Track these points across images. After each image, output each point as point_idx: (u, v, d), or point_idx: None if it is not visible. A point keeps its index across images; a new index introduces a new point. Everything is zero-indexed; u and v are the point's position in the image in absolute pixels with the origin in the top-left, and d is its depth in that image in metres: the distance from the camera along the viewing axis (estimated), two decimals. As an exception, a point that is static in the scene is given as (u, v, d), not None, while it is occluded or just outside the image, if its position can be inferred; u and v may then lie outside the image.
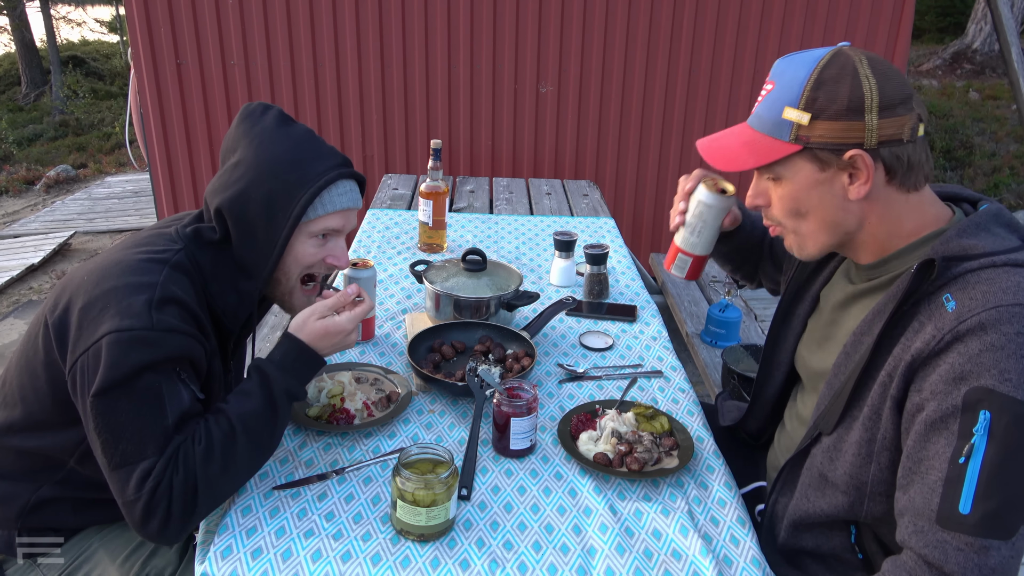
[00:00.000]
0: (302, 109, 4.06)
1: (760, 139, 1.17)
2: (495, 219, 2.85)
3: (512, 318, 1.95)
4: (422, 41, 3.98)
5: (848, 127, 1.09)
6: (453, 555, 1.19)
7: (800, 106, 1.11)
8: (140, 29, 3.88)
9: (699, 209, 1.38)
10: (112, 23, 14.41)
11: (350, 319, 1.36)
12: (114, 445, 1.16)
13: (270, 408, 1.26)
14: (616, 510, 1.30)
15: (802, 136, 1.12)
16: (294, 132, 1.35)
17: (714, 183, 1.38)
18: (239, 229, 1.32)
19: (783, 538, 1.31)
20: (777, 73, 1.17)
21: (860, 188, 1.12)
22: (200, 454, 1.19)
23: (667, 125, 4.17)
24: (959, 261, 1.08)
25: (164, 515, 1.15)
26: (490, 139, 4.18)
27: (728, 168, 1.18)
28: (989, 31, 9.59)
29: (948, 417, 1.02)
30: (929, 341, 1.05)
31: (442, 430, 1.51)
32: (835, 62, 1.11)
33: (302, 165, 1.32)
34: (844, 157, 1.11)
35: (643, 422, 1.47)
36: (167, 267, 1.27)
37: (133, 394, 1.17)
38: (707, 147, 1.24)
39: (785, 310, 1.46)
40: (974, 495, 0.99)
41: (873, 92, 1.08)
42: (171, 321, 1.21)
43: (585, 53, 4.03)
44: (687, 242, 1.40)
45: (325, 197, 1.34)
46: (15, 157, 8.13)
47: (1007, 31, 4.33)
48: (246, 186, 1.31)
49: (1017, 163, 7.14)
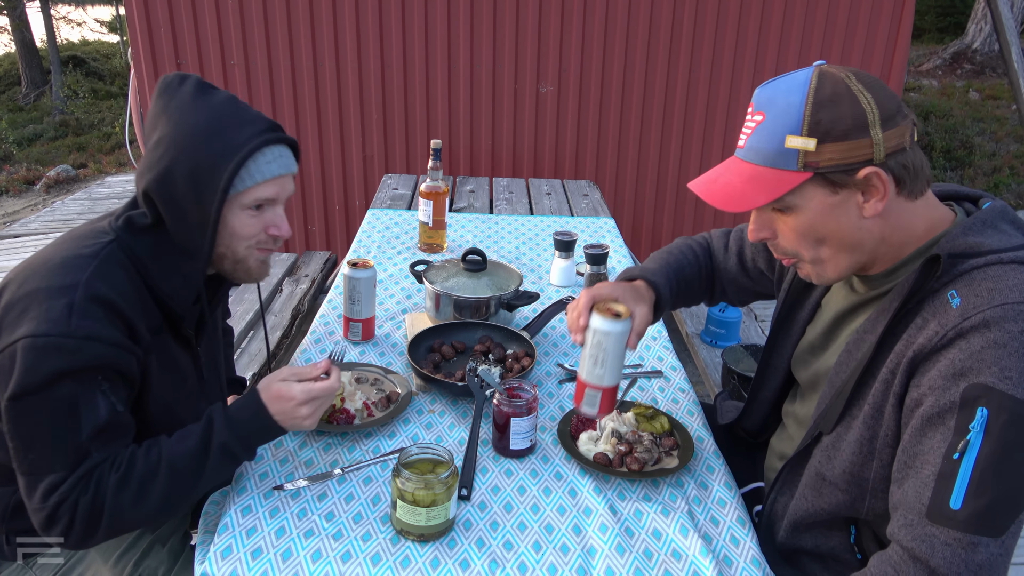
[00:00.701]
0: (302, 109, 4.07)
1: (763, 173, 1.11)
2: (495, 219, 2.85)
3: (512, 318, 1.95)
4: (422, 41, 3.98)
5: (856, 145, 1.06)
6: (453, 555, 1.18)
7: (804, 132, 1.07)
8: (140, 29, 3.88)
9: (596, 339, 1.25)
10: (112, 23, 14.40)
11: (303, 390, 1.23)
12: (24, 453, 1.15)
13: (202, 456, 1.22)
14: (616, 510, 1.30)
15: (811, 162, 1.08)
16: (213, 100, 1.26)
17: (607, 308, 1.27)
18: (169, 210, 1.26)
19: (782, 538, 1.31)
20: (764, 102, 1.12)
21: (876, 204, 1.09)
22: (115, 482, 1.17)
23: (667, 125, 4.17)
24: (965, 258, 1.07)
25: (64, 529, 1.16)
26: (490, 139, 4.18)
27: (738, 209, 1.12)
28: (989, 31, 9.59)
29: (945, 412, 1.02)
30: (932, 337, 1.05)
31: (442, 430, 1.51)
32: (825, 82, 1.07)
33: (223, 135, 1.24)
34: (858, 176, 1.08)
35: (643, 422, 1.47)
36: (95, 263, 1.20)
37: (47, 403, 1.13)
38: (707, 190, 1.17)
39: (784, 316, 1.45)
40: (966, 491, 0.99)
41: (872, 106, 1.06)
42: (91, 327, 1.15)
43: (585, 53, 4.03)
44: (592, 375, 1.27)
45: (252, 167, 1.26)
46: (15, 157, 8.12)
47: (1007, 31, 4.33)
48: (169, 164, 1.23)
49: (1017, 163, 7.14)
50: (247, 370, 2.53)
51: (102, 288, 1.18)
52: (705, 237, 1.63)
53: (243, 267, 1.35)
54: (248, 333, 2.85)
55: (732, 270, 1.57)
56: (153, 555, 1.38)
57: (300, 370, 1.28)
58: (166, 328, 1.33)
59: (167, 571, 1.38)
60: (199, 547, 1.22)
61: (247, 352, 2.68)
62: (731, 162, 1.17)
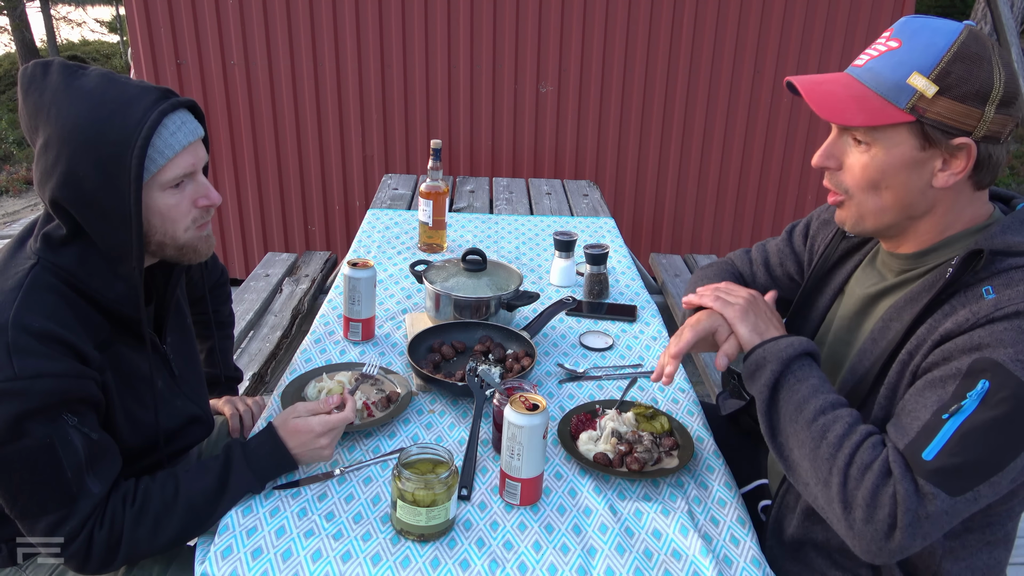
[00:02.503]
0: (302, 109, 4.07)
1: (871, 97, 1.09)
2: (495, 219, 2.85)
3: (512, 318, 1.95)
4: (422, 41, 3.98)
5: (967, 112, 1.05)
6: (453, 555, 1.18)
7: (931, 76, 1.04)
8: (140, 29, 3.88)
9: (511, 432, 1.24)
10: (112, 23, 14.40)
11: (320, 422, 1.28)
12: (12, 501, 1.14)
13: (220, 493, 1.24)
14: (616, 510, 1.30)
15: (919, 108, 1.05)
16: (88, 83, 1.15)
17: (523, 402, 1.26)
18: (84, 213, 1.16)
19: (793, 530, 1.30)
20: (907, 32, 1.08)
21: (950, 177, 1.08)
22: (131, 516, 1.18)
23: (667, 125, 4.17)
24: (1004, 256, 1.07)
25: (80, 563, 1.17)
26: (490, 139, 4.18)
27: (832, 117, 1.09)
28: (989, 31, 9.58)
29: (948, 378, 1.02)
30: (961, 323, 1.04)
31: (442, 430, 1.51)
32: (975, 40, 1.05)
33: (115, 118, 1.13)
34: (952, 142, 1.06)
35: (643, 422, 1.48)
36: (19, 295, 1.12)
37: (23, 453, 1.10)
38: (809, 89, 1.13)
39: (804, 302, 1.43)
40: (941, 448, 0.99)
41: (1001, 83, 1.04)
42: (37, 365, 1.08)
43: (585, 53, 4.03)
44: (511, 467, 1.27)
45: (158, 143, 1.16)
46: (15, 157, 8.12)
47: (1007, 31, 4.33)
48: (67, 166, 1.13)
49: (1017, 163, 7.14)
50: (247, 370, 2.53)
51: (34, 320, 1.10)
52: (729, 258, 1.67)
53: (189, 248, 1.29)
54: (248, 333, 2.85)
55: (760, 281, 1.59)
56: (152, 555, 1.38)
57: (314, 406, 1.32)
58: (118, 338, 1.26)
59: (161, 571, 1.37)
60: (199, 547, 1.22)
61: (247, 352, 2.68)
62: (842, 75, 1.15)
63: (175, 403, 1.41)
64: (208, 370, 1.74)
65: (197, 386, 1.53)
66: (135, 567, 1.36)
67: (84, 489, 1.16)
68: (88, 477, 1.16)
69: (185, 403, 1.45)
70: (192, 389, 1.49)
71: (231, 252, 4.40)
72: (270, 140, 4.12)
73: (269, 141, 4.12)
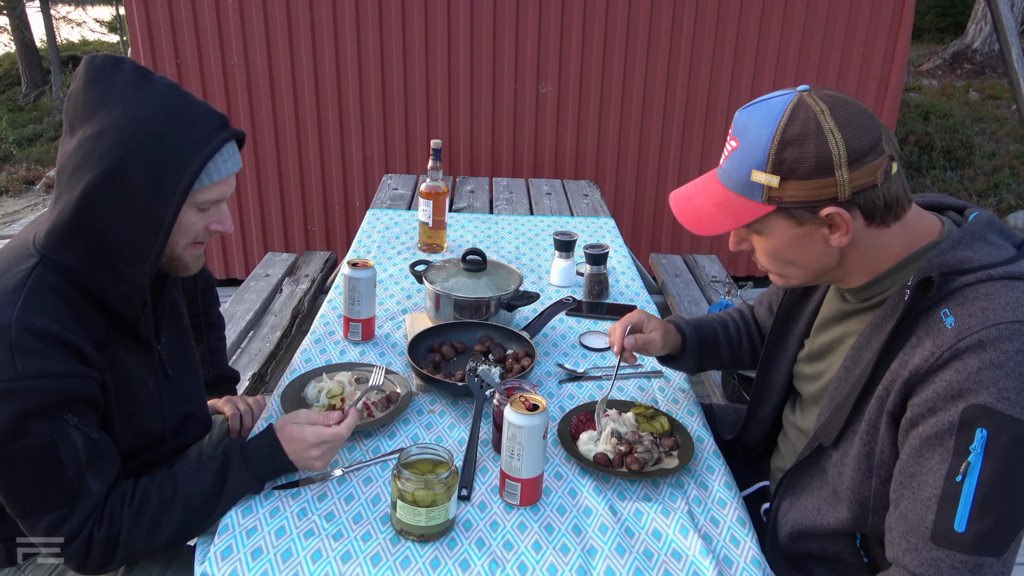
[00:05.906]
0: (302, 109, 4.07)
1: (733, 199, 1.14)
2: (495, 219, 2.85)
3: (512, 318, 1.95)
4: (422, 41, 3.98)
5: (819, 185, 1.06)
6: (453, 555, 1.18)
7: (768, 169, 1.08)
8: (140, 29, 3.88)
9: (511, 432, 1.25)
10: (112, 23, 14.39)
11: (314, 433, 1.28)
12: (14, 500, 1.15)
13: (217, 493, 1.25)
14: (616, 510, 1.30)
15: (775, 197, 1.09)
16: (158, 90, 1.18)
17: (523, 402, 1.27)
18: (113, 210, 1.16)
19: (786, 543, 1.31)
20: (740, 129, 1.13)
21: (841, 238, 1.11)
22: (129, 515, 1.19)
23: (667, 125, 4.17)
24: (956, 275, 1.07)
25: (80, 562, 1.18)
26: (490, 139, 4.18)
27: (705, 233, 1.16)
28: (989, 31, 9.59)
29: (944, 434, 1.01)
30: (928, 358, 1.04)
31: (442, 430, 1.51)
32: (796, 118, 1.06)
33: (180, 131, 1.16)
34: (820, 214, 1.09)
35: (643, 422, 1.47)
36: (22, 295, 1.12)
37: (26, 452, 1.11)
38: (680, 209, 1.21)
39: (779, 330, 1.45)
40: (970, 513, 0.99)
41: (840, 147, 1.05)
42: (39, 365, 1.09)
43: (585, 53, 4.03)
44: (510, 467, 1.28)
45: (210, 166, 1.21)
46: (15, 157, 8.12)
47: (1007, 31, 4.33)
48: (116, 160, 1.13)
49: (1017, 163, 7.13)
50: (247, 370, 2.53)
51: (37, 320, 1.11)
52: (737, 307, 1.72)
53: (179, 263, 1.30)
54: (248, 333, 2.84)
55: (763, 318, 1.62)
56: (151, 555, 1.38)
57: (315, 416, 1.33)
58: (115, 337, 1.26)
59: (161, 571, 1.37)
60: (199, 547, 1.22)
61: (247, 352, 2.68)
62: (710, 178, 1.20)
63: (169, 402, 1.41)
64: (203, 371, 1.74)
65: (193, 386, 1.53)
66: (135, 567, 1.36)
67: (85, 488, 1.16)
68: (89, 476, 1.17)
69: (180, 401, 1.45)
70: (188, 389, 1.49)
71: (231, 252, 4.40)
72: (270, 140, 4.12)
73: (269, 141, 4.12)
